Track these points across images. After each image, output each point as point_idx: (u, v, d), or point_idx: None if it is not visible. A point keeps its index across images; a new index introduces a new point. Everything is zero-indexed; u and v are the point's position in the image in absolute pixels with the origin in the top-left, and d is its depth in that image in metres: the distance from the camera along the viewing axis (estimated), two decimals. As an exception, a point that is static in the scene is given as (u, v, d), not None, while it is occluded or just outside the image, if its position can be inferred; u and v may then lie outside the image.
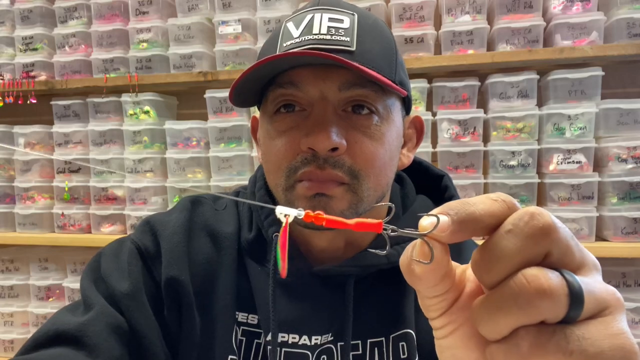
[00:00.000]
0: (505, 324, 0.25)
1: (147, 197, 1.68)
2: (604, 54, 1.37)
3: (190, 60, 1.67)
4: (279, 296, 0.60)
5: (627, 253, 1.34)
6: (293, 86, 0.54)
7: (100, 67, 1.75)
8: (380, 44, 0.56)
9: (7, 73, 1.84)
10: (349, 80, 0.53)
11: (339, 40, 0.53)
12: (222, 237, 0.64)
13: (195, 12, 1.69)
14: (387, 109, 0.56)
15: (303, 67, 0.54)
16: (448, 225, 0.27)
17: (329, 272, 0.60)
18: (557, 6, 1.45)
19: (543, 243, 0.25)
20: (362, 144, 0.54)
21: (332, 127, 0.52)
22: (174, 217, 0.65)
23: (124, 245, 0.64)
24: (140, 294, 0.58)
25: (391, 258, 0.59)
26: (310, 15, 0.55)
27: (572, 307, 0.24)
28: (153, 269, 0.61)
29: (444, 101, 1.51)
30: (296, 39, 0.54)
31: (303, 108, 0.55)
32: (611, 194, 1.37)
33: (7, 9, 1.84)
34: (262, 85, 0.58)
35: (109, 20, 1.74)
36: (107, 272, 0.60)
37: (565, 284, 0.24)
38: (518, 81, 1.44)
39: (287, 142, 0.55)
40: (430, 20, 1.51)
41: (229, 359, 0.60)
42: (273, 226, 0.62)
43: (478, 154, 1.46)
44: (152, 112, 1.72)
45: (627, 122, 1.38)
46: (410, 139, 0.65)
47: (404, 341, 0.60)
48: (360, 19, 0.55)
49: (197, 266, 0.62)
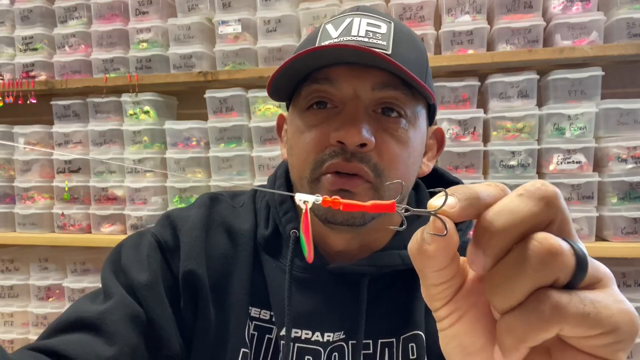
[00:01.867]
0: (521, 288, 0.26)
1: (147, 197, 1.68)
2: (603, 54, 1.37)
3: (190, 60, 1.67)
4: (294, 292, 0.61)
5: (627, 253, 1.34)
6: (328, 82, 0.56)
7: (100, 67, 1.75)
8: (414, 51, 0.58)
9: (7, 73, 1.84)
10: (382, 81, 0.55)
11: (376, 44, 0.55)
12: (239, 234, 0.66)
13: (195, 12, 1.69)
14: (415, 115, 0.58)
15: (339, 65, 0.55)
16: (455, 203, 0.28)
17: (344, 270, 0.61)
18: (557, 6, 1.45)
19: (550, 209, 0.26)
20: (388, 144, 0.56)
21: (363, 123, 0.54)
22: (193, 212, 0.67)
23: (144, 237, 0.66)
24: (158, 286, 0.60)
25: (406, 259, 0.60)
26: (349, 19, 0.57)
27: (579, 269, 0.26)
28: (171, 262, 0.63)
29: (444, 101, 1.51)
30: (335, 39, 0.56)
31: (335, 105, 0.57)
32: (611, 194, 1.37)
33: (7, 9, 1.84)
34: (297, 81, 0.59)
35: (109, 20, 1.74)
36: (127, 263, 0.62)
37: (570, 246, 0.26)
38: (518, 81, 1.44)
39: (317, 135, 0.56)
40: (430, 20, 1.51)
41: (241, 352, 0.61)
42: (291, 222, 0.63)
43: (478, 154, 1.46)
44: (152, 112, 1.72)
45: (627, 122, 1.38)
46: (431, 148, 0.68)
47: (414, 342, 0.61)
48: (397, 27, 0.58)
49: (214, 260, 0.64)
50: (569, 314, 0.25)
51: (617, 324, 0.25)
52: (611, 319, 0.25)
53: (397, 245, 0.62)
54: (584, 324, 0.25)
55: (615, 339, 0.26)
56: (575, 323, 0.25)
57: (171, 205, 1.66)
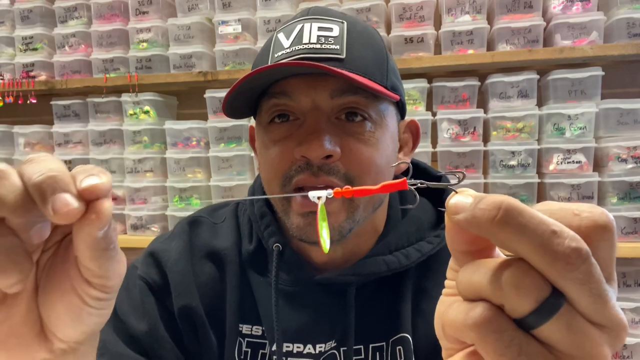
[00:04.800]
0: (475, 288, 0.24)
1: (147, 197, 1.68)
2: (603, 54, 1.37)
3: (190, 60, 1.67)
4: (282, 306, 0.60)
5: (627, 253, 1.34)
6: (285, 96, 0.55)
7: (100, 67, 1.75)
8: (370, 50, 0.57)
9: (7, 73, 1.84)
10: (339, 88, 0.54)
11: (329, 49, 0.54)
12: (223, 255, 0.65)
13: (195, 12, 1.69)
14: (380, 115, 0.57)
15: (295, 76, 0.54)
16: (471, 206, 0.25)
17: (330, 280, 0.60)
18: (557, 6, 1.45)
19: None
20: (357, 150, 0.54)
21: (325, 135, 0.53)
22: (174, 245, 0.67)
23: (131, 279, 0.65)
24: (159, 330, 0.61)
25: (391, 265, 0.60)
26: (300, 25, 0.56)
27: (533, 315, 0.23)
28: (165, 300, 0.63)
29: (444, 101, 1.51)
30: (287, 49, 0.55)
31: (296, 117, 0.56)
32: (611, 194, 1.37)
33: (7, 9, 1.84)
34: (256, 97, 0.59)
35: (109, 20, 1.74)
36: (123, 312, 0.62)
37: (546, 295, 0.23)
38: (518, 81, 1.44)
39: (281, 152, 0.55)
40: (430, 20, 1.51)
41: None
42: (273, 236, 0.63)
43: (478, 154, 1.46)
44: (152, 112, 1.72)
45: (627, 122, 1.38)
46: (406, 143, 0.66)
47: (401, 345, 0.61)
48: (350, 27, 0.56)
49: (204, 287, 0.64)
50: (486, 338, 0.23)
51: None
52: None
53: (382, 250, 0.61)
54: (492, 357, 0.23)
55: None
56: (486, 350, 0.23)
57: (171, 205, 1.66)
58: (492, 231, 0.23)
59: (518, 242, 0.23)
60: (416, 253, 0.61)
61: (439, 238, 0.63)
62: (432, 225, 0.65)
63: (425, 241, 0.62)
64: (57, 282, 0.30)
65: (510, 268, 0.23)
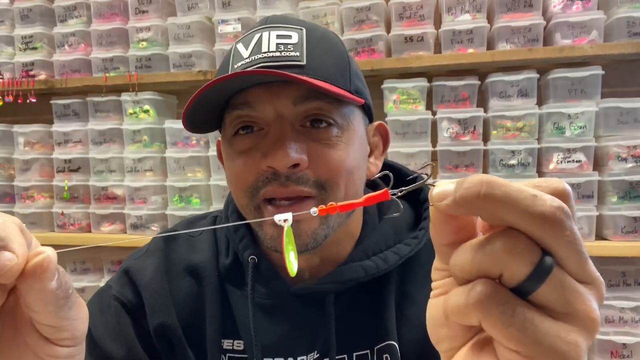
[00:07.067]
0: (469, 264, 0.25)
1: (146, 196, 1.68)
2: (604, 53, 1.37)
3: (190, 59, 1.67)
4: (260, 320, 0.60)
5: (627, 252, 1.34)
6: (248, 106, 0.54)
7: (100, 66, 1.75)
8: (331, 55, 0.56)
9: (6, 72, 1.84)
10: (301, 95, 0.53)
11: (289, 56, 0.53)
12: (201, 268, 0.64)
13: (195, 11, 1.69)
14: (346, 119, 0.56)
15: (256, 86, 0.54)
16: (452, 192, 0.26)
17: (307, 290, 0.59)
18: (557, 5, 1.44)
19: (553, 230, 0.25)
20: (325, 155, 0.54)
21: (290, 143, 0.52)
22: (150, 262, 0.66)
23: (105, 300, 0.64)
24: (137, 352, 0.60)
25: (369, 270, 0.59)
26: (258, 35, 0.55)
27: (530, 278, 0.24)
28: (141, 320, 0.63)
29: (443, 100, 1.51)
30: (246, 59, 0.54)
31: (261, 127, 0.55)
32: (611, 193, 1.37)
33: (6, 8, 1.84)
34: (219, 110, 0.58)
35: (109, 19, 1.74)
36: (99, 336, 0.61)
37: (539, 257, 0.24)
38: (518, 80, 1.44)
39: (247, 163, 0.55)
40: (430, 19, 1.51)
41: None
42: (248, 249, 0.62)
43: (478, 153, 1.46)
44: (151, 111, 1.72)
45: (627, 121, 1.38)
46: (376, 146, 0.65)
47: (388, 353, 0.60)
48: (309, 33, 0.56)
49: (182, 304, 0.63)
50: (492, 312, 0.24)
51: (538, 353, 0.24)
52: (534, 345, 0.24)
53: (359, 256, 0.60)
54: (502, 330, 0.24)
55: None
56: (493, 324, 0.24)
57: (171, 204, 1.66)
58: (480, 205, 0.24)
59: (507, 211, 0.24)
60: (394, 256, 0.60)
61: (417, 239, 0.62)
62: (410, 227, 0.64)
63: (402, 244, 0.61)
64: (15, 355, 0.28)
65: (502, 237, 0.25)
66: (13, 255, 0.25)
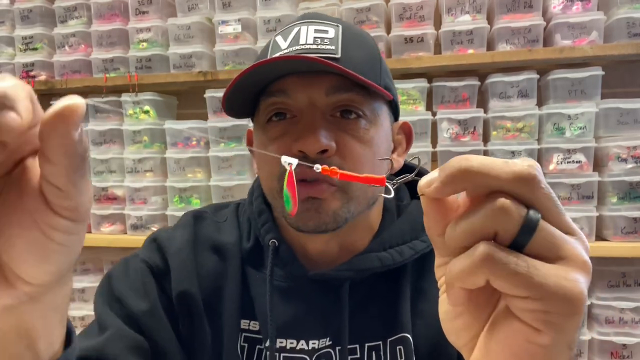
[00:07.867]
0: (464, 233, 0.28)
1: (147, 196, 1.68)
2: (604, 54, 1.37)
3: (190, 60, 1.67)
4: (276, 302, 0.61)
5: (627, 253, 1.34)
6: (283, 94, 0.57)
7: (100, 66, 1.75)
8: (364, 51, 0.59)
9: (7, 73, 1.84)
10: (334, 85, 0.56)
11: (325, 49, 0.56)
12: (226, 249, 0.66)
13: (195, 11, 1.69)
14: (375, 113, 0.59)
15: (291, 75, 0.56)
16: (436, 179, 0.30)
17: (324, 276, 0.61)
18: (557, 6, 1.44)
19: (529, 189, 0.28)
20: (351, 146, 0.56)
21: (321, 130, 0.54)
22: (179, 233, 0.68)
23: (132, 264, 0.66)
24: (158, 311, 0.61)
25: (385, 261, 0.60)
26: (297, 28, 0.58)
27: (522, 231, 0.27)
28: (165, 284, 0.64)
29: (443, 101, 1.51)
30: (284, 50, 0.57)
31: (293, 115, 0.57)
32: (611, 194, 1.37)
33: (7, 9, 1.84)
34: (254, 96, 0.60)
35: (109, 20, 1.74)
36: (122, 292, 0.62)
37: (525, 210, 0.27)
38: (518, 81, 1.44)
39: (279, 148, 0.57)
40: (430, 19, 1.51)
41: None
42: (270, 233, 0.64)
43: (478, 154, 1.45)
44: (152, 111, 1.72)
45: (627, 122, 1.38)
46: (400, 144, 0.68)
47: (401, 345, 0.61)
48: (344, 30, 0.58)
49: (205, 278, 0.64)
50: (497, 266, 0.27)
51: (547, 292, 0.27)
52: (541, 286, 0.26)
53: (377, 247, 0.62)
54: (510, 280, 0.27)
55: (542, 307, 0.27)
56: (501, 276, 0.27)
57: (171, 204, 1.66)
58: (463, 178, 0.28)
59: (492, 178, 0.28)
60: (409, 251, 0.62)
61: None
62: None
63: (419, 240, 0.63)
64: (14, 218, 0.27)
65: (489, 200, 0.28)
66: (17, 117, 0.25)
